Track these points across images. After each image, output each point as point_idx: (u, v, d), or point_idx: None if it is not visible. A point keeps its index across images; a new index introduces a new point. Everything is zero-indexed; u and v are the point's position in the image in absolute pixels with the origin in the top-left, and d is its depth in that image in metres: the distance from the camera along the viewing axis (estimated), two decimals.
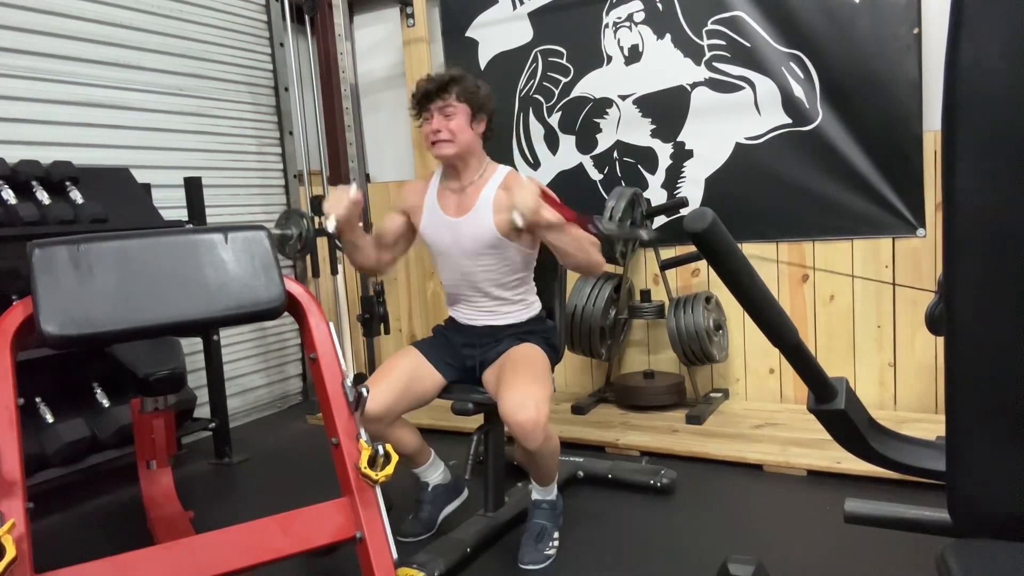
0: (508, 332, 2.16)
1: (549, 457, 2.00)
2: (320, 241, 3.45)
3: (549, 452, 1.98)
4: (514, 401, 1.87)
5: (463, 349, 2.19)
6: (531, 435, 1.85)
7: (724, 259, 0.85)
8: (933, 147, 2.89)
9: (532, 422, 1.84)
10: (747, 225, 3.20)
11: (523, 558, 1.99)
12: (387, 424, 2.05)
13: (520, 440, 1.89)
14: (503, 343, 2.14)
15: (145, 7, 3.28)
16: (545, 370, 2.05)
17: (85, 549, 1.86)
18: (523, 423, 1.84)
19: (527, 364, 2.02)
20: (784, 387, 3.29)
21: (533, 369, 2.00)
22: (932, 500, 1.00)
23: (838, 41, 2.98)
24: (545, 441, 1.91)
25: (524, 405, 1.85)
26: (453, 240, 2.11)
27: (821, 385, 0.97)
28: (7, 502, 1.29)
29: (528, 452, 1.93)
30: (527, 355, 2.07)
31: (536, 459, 1.97)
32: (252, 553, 1.45)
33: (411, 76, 3.89)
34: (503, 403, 1.89)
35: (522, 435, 1.86)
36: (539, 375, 1.99)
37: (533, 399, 1.87)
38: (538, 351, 2.11)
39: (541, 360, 2.08)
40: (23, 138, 2.80)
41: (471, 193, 2.10)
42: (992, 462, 0.81)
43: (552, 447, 1.99)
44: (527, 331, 2.17)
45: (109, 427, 2.62)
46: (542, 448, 1.91)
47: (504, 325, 2.17)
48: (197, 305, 1.53)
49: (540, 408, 1.87)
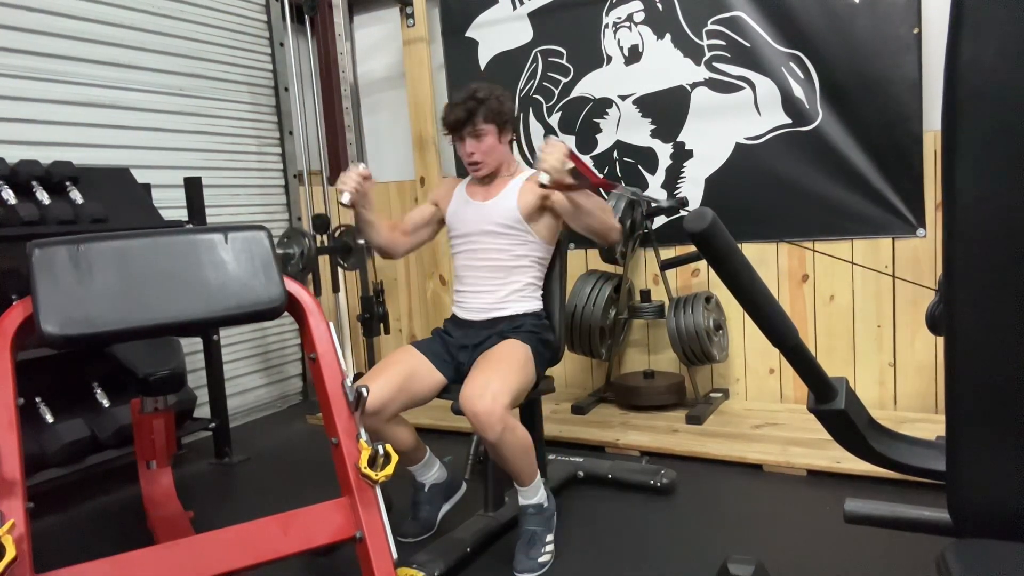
0: (502, 326, 2.17)
1: (516, 452, 1.95)
2: (322, 259, 3.45)
3: (514, 446, 1.93)
4: (470, 392, 1.88)
5: (459, 352, 2.20)
6: (486, 425, 1.85)
7: (724, 259, 0.85)
8: (933, 147, 2.89)
9: (486, 411, 1.84)
10: (747, 225, 3.20)
11: (517, 567, 1.97)
12: (383, 420, 2.04)
13: (477, 431, 1.89)
14: (489, 341, 2.14)
15: (145, 7, 3.28)
16: (519, 363, 2.03)
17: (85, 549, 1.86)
18: (478, 413, 1.84)
19: (498, 359, 2.02)
20: (784, 387, 3.29)
21: (504, 363, 1.99)
22: (932, 500, 1.00)
23: (838, 41, 2.98)
24: (505, 433, 1.88)
25: (480, 395, 1.86)
26: (477, 220, 2.24)
27: (821, 385, 0.97)
28: (7, 502, 1.29)
29: (491, 445, 1.92)
30: (503, 351, 2.06)
31: (501, 453, 1.93)
32: (252, 553, 1.45)
33: (411, 76, 3.89)
34: (461, 394, 1.90)
35: (478, 425, 1.86)
36: (508, 367, 1.98)
37: (490, 390, 1.87)
38: (518, 347, 2.08)
39: (518, 354, 2.06)
40: (23, 138, 2.80)
41: (499, 184, 2.27)
42: (992, 462, 0.81)
43: (516, 441, 1.93)
44: (519, 326, 2.17)
45: (109, 427, 2.62)
46: (503, 440, 1.88)
47: (502, 317, 2.18)
48: (197, 305, 1.53)
49: (497, 398, 1.86)
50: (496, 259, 2.21)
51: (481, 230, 2.22)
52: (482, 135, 2.18)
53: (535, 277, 2.25)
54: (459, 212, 2.30)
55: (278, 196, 4.02)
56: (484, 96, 2.16)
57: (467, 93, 2.19)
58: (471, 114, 2.16)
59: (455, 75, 3.85)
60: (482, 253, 2.23)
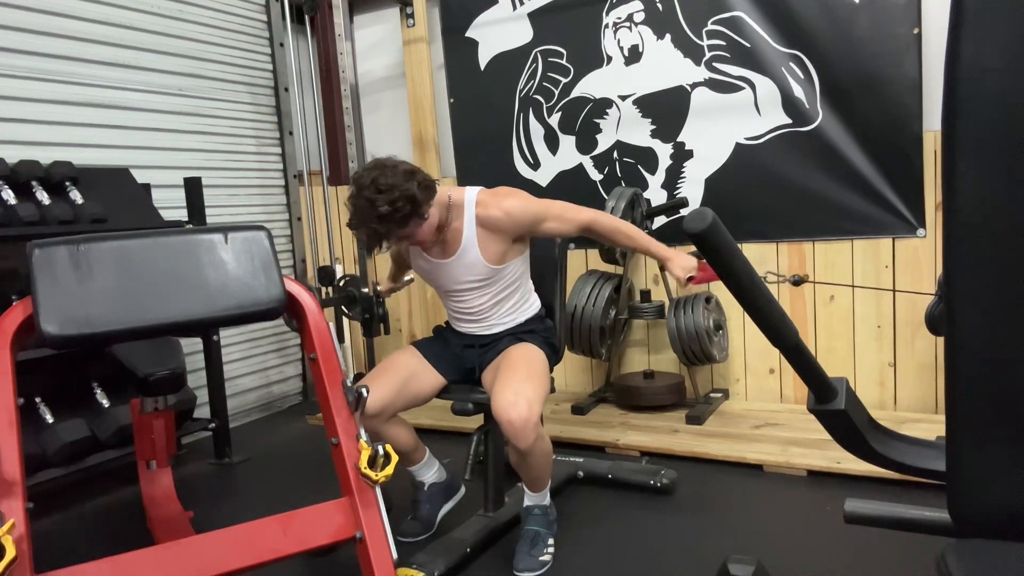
0: (508, 333, 2.17)
1: (541, 459, 1.98)
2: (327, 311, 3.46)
3: (541, 454, 1.95)
4: (506, 399, 1.87)
5: (463, 351, 2.20)
6: (521, 433, 1.85)
7: (724, 259, 0.85)
8: (933, 147, 2.89)
9: (523, 420, 1.84)
10: (747, 225, 3.20)
11: (517, 565, 1.98)
12: (383, 421, 2.05)
13: (511, 439, 1.89)
14: (502, 342, 2.15)
15: (145, 7, 3.28)
16: (542, 369, 2.05)
17: (85, 549, 1.86)
18: (514, 421, 1.84)
19: (523, 363, 2.02)
20: (784, 387, 3.29)
21: (529, 367, 2.00)
22: (932, 500, 1.00)
23: (838, 41, 2.98)
24: (537, 441, 1.89)
25: (515, 403, 1.85)
26: (446, 279, 2.15)
27: (821, 385, 0.97)
28: (7, 502, 1.29)
29: (520, 453, 1.92)
30: (524, 354, 2.07)
31: (528, 460, 1.94)
32: (252, 553, 1.45)
33: (411, 76, 3.89)
34: (495, 400, 1.90)
35: (512, 433, 1.86)
36: (534, 374, 1.99)
37: (525, 397, 1.87)
38: (536, 350, 2.11)
39: (538, 359, 2.08)
40: (23, 138, 2.80)
41: (451, 236, 2.08)
42: (992, 462, 0.81)
43: (544, 449, 1.97)
44: (527, 331, 2.18)
45: (109, 427, 2.62)
46: (534, 448, 1.90)
47: (504, 331, 2.18)
48: (197, 305, 1.53)
49: (532, 407, 1.86)
50: (479, 303, 2.15)
51: (454, 288, 2.14)
52: (406, 236, 1.98)
53: (522, 288, 2.21)
54: (424, 270, 2.19)
55: (278, 196, 4.02)
56: (389, 212, 1.85)
57: (363, 215, 1.89)
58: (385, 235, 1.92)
59: (455, 75, 3.85)
60: (463, 304, 2.17)
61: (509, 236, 2.07)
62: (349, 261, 4.20)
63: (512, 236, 2.08)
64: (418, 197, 1.89)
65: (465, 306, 2.18)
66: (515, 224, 2.05)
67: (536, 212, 2.07)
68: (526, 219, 2.06)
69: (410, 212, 1.89)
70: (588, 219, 2.13)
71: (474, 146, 3.84)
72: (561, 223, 2.11)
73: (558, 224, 2.10)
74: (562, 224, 2.11)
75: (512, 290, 2.17)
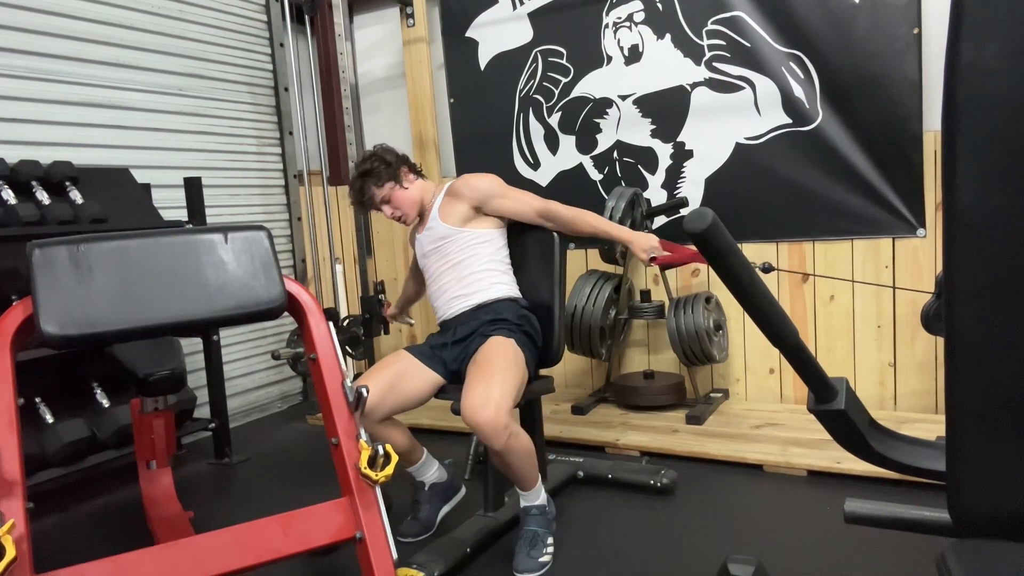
0: (479, 317, 2.17)
1: (521, 457, 1.95)
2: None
3: (519, 451, 1.93)
4: (473, 402, 1.87)
5: (442, 350, 2.20)
6: (492, 436, 1.85)
7: (724, 259, 0.85)
8: (933, 147, 2.89)
9: (491, 423, 1.83)
10: (747, 225, 3.20)
11: (517, 566, 1.97)
12: (374, 422, 2.05)
13: (484, 441, 1.89)
14: (474, 341, 2.14)
15: (145, 7, 3.29)
16: (511, 364, 2.02)
17: (85, 549, 1.86)
18: (482, 425, 1.84)
19: (492, 360, 2.01)
20: (784, 387, 3.29)
21: (497, 365, 1.98)
22: (932, 500, 1.00)
23: (838, 41, 2.98)
24: (510, 440, 1.88)
25: (483, 406, 1.85)
26: (422, 252, 2.39)
27: (821, 385, 0.97)
28: (7, 502, 1.29)
29: (496, 453, 1.92)
30: (492, 350, 2.05)
31: (507, 460, 1.94)
32: (252, 553, 1.45)
33: (411, 76, 3.89)
34: (463, 405, 1.89)
35: (483, 437, 1.87)
36: (503, 369, 1.97)
37: (493, 399, 1.86)
38: (506, 345, 2.08)
39: (508, 354, 2.05)
40: (23, 138, 2.80)
41: (427, 215, 2.39)
42: (992, 462, 0.81)
43: (521, 446, 1.94)
44: (497, 319, 2.16)
45: (109, 427, 2.62)
46: (509, 447, 1.89)
47: (474, 306, 2.20)
48: (197, 305, 1.53)
49: (500, 407, 1.85)
50: (443, 265, 2.30)
51: (425, 254, 2.37)
52: (387, 200, 2.33)
53: (491, 261, 2.27)
54: (418, 255, 2.45)
55: (278, 196, 4.02)
56: (367, 168, 2.32)
57: (352, 178, 2.39)
58: (363, 191, 2.33)
59: (455, 75, 3.85)
60: (433, 268, 2.34)
61: (468, 203, 2.28)
62: (349, 261, 4.20)
63: (470, 203, 2.28)
64: (392, 163, 2.32)
65: (431, 278, 2.35)
66: (471, 190, 2.29)
67: (493, 185, 2.30)
68: (482, 187, 2.29)
69: (383, 173, 2.30)
70: (542, 206, 2.30)
71: (474, 146, 3.85)
72: (516, 204, 2.30)
73: (513, 204, 2.30)
74: (517, 204, 2.30)
75: (466, 256, 2.26)
